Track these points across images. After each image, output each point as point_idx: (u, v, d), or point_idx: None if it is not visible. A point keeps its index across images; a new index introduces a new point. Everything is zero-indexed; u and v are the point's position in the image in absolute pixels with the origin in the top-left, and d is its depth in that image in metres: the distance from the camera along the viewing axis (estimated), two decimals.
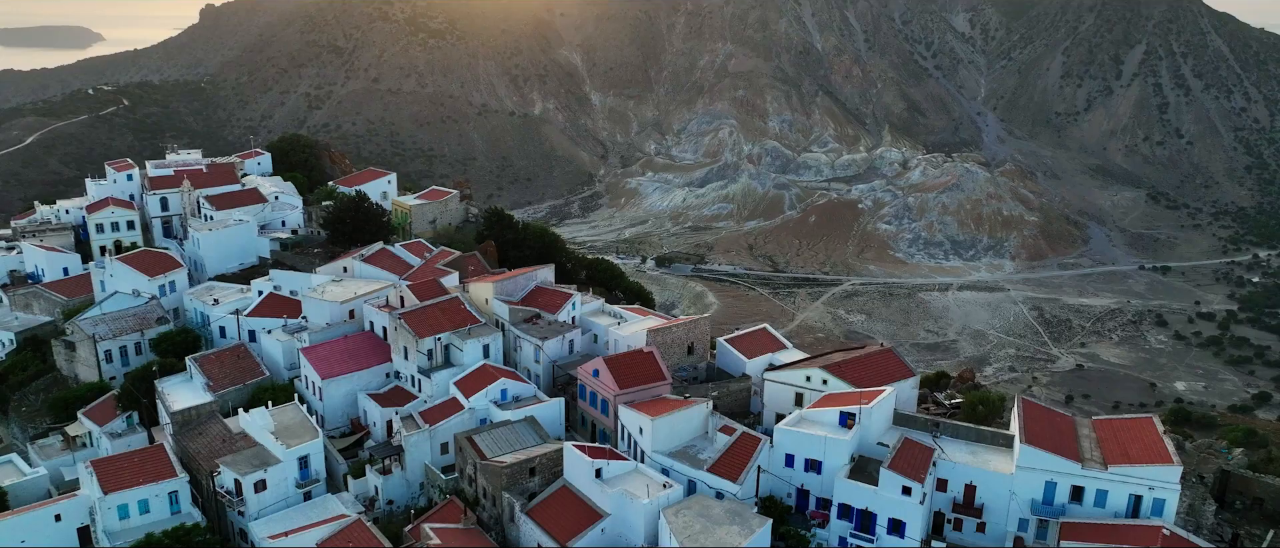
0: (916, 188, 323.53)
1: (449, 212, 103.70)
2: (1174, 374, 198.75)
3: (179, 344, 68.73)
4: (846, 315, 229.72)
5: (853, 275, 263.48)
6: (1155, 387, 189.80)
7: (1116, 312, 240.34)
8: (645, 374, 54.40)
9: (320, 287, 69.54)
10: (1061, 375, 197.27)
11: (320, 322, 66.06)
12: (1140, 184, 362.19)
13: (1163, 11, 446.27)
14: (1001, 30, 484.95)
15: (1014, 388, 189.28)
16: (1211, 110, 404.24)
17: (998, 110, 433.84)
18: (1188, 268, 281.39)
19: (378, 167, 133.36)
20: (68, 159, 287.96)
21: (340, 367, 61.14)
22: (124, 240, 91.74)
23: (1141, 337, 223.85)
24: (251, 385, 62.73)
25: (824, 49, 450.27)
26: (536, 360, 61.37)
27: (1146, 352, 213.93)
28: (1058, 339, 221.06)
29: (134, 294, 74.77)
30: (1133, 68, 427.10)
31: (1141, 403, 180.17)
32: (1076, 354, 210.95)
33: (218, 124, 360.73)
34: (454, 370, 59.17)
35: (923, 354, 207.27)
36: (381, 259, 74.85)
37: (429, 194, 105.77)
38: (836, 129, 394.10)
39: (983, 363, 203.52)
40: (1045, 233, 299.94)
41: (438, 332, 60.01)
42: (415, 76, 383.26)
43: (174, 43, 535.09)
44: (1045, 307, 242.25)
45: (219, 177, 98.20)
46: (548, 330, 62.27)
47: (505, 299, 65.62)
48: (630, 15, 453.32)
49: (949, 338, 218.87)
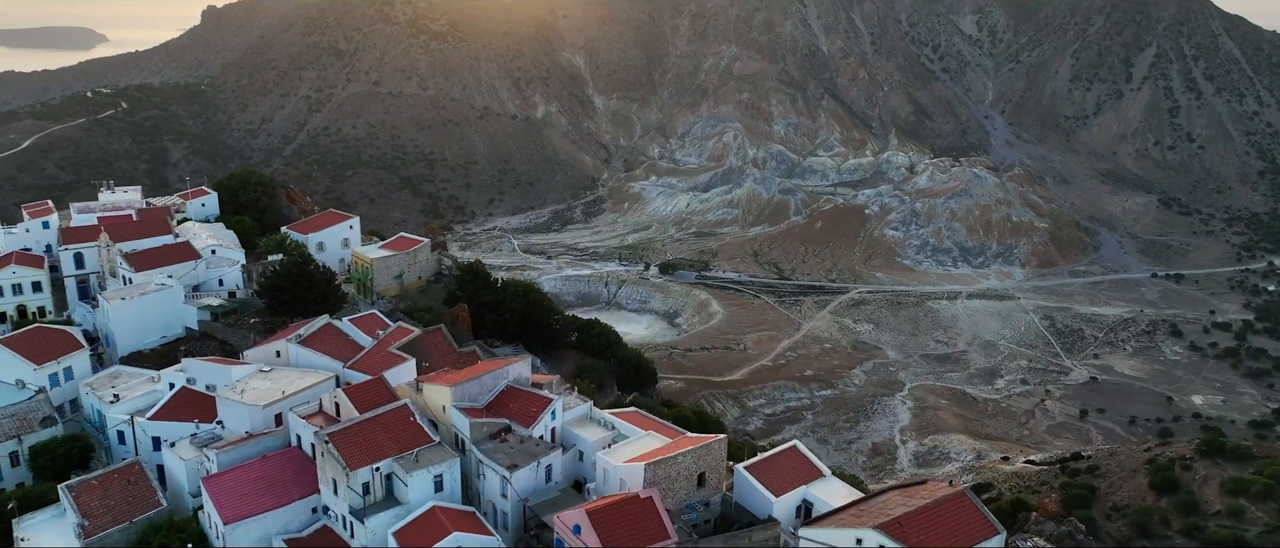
0: (924, 193, 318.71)
1: (418, 264, 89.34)
2: (1190, 387, 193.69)
3: (64, 457, 54.54)
4: (854, 325, 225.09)
5: (859, 283, 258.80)
6: (1172, 400, 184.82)
7: (1129, 321, 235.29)
8: (641, 529, 41.68)
9: (240, 383, 54.89)
10: (1075, 389, 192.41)
11: (238, 430, 52.17)
12: (1151, 189, 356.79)
13: (1173, 14, 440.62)
14: (1009, 33, 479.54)
15: (1027, 401, 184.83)
16: (1223, 114, 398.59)
17: (1006, 114, 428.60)
18: (1201, 276, 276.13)
19: (379, 167, 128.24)
20: (64, 163, 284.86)
21: (250, 504, 46.31)
22: (30, 306, 76.04)
23: (1156, 348, 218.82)
24: (141, 522, 47.05)
25: (829, 51, 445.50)
26: (503, 494, 48.69)
27: (1161, 363, 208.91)
28: (1070, 350, 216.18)
29: (18, 385, 60.06)
30: (1143, 71, 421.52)
31: (1159, 418, 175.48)
32: (1089, 366, 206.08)
33: (217, 127, 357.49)
34: (397, 512, 45.13)
35: (932, 366, 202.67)
36: (325, 340, 60.41)
37: (395, 243, 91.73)
38: (842, 133, 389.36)
39: (994, 375, 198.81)
40: (1055, 239, 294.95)
41: (377, 458, 45.90)
42: (416, 79, 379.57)
43: (175, 44, 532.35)
44: (1056, 316, 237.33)
45: (149, 225, 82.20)
46: (519, 452, 49.67)
47: (467, 406, 52.21)
48: (634, 17, 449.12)
49: (959, 349, 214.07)
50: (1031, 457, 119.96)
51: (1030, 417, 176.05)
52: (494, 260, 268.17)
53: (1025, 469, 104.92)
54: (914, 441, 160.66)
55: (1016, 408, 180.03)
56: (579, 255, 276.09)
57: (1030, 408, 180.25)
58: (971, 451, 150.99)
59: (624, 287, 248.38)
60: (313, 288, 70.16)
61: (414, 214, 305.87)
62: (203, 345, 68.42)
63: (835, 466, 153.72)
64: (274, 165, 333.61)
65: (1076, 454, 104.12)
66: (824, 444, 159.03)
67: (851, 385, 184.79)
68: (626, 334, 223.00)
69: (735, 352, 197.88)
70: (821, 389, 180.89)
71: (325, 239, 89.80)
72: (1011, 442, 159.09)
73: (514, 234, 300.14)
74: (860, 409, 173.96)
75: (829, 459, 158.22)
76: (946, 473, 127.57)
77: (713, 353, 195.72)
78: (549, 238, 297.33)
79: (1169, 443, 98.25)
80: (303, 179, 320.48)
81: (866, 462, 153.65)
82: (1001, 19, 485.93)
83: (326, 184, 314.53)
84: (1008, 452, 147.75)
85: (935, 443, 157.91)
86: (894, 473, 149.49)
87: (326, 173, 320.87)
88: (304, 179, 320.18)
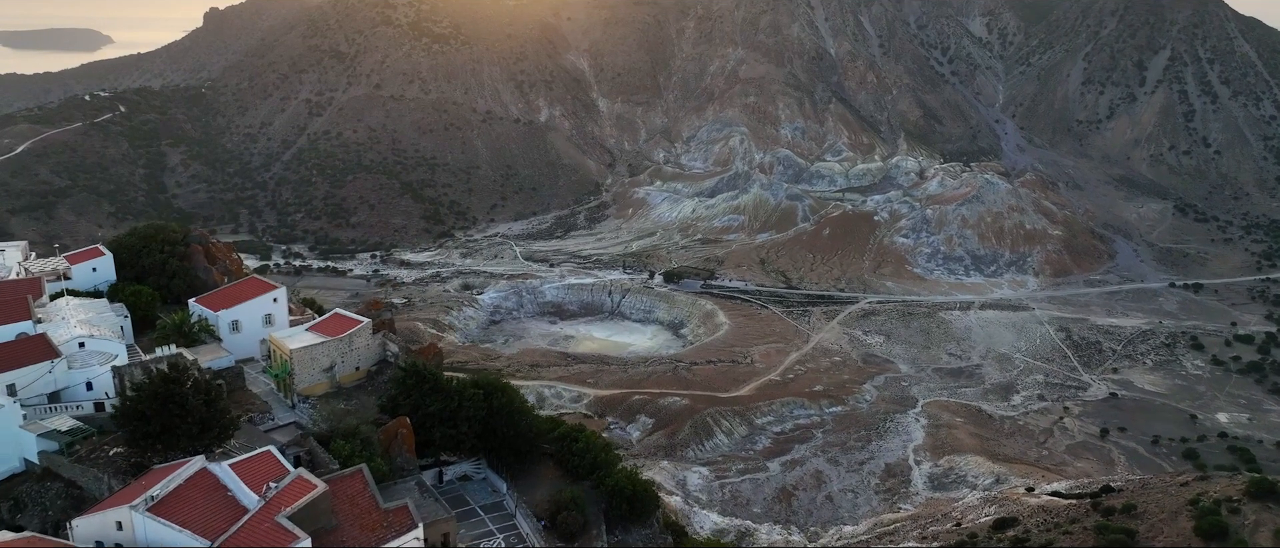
0: (934, 199, 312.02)
1: (356, 352, 66.38)
2: (1215, 404, 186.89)
3: None
4: (864, 337, 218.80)
5: (869, 292, 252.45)
6: (1196, 419, 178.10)
7: (1148, 333, 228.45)
8: None
9: None
10: (1094, 405, 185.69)
11: None
12: (1166, 195, 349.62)
13: (1187, 16, 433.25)
14: (1020, 35, 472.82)
15: (1045, 418, 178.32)
16: (1239, 118, 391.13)
17: (1017, 118, 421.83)
18: (1220, 285, 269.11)
19: (380, 172, 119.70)
20: (59, 169, 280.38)
21: None
22: None
23: (1176, 361, 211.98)
24: None
25: (837, 54, 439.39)
26: None
27: (1183, 378, 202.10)
28: (1088, 364, 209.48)
29: None
30: (1157, 74, 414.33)
31: (1183, 437, 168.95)
32: (1109, 381, 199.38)
33: (216, 131, 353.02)
34: None
35: (946, 380, 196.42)
36: (191, 500, 40.68)
37: (328, 323, 67.99)
38: (851, 137, 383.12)
39: (1010, 390, 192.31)
40: (1069, 247, 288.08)
41: None
42: (418, 82, 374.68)
43: (178, 47, 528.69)
44: (1072, 327, 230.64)
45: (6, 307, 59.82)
46: None
47: None
48: (639, 20, 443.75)
49: (973, 363, 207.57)
50: (1057, 487, 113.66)
51: (1048, 436, 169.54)
52: (496, 268, 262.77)
53: (1052, 503, 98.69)
54: (929, 461, 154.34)
55: (1034, 426, 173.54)
56: (582, 263, 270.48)
57: (1048, 426, 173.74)
58: (990, 474, 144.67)
59: (628, 296, 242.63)
60: (186, 416, 48.45)
61: (415, 220, 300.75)
62: (40, 489, 49.55)
63: (848, 488, 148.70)
64: (273, 170, 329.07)
65: (1106, 488, 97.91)
66: (835, 465, 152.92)
67: (863, 402, 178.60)
68: (631, 346, 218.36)
69: (742, 365, 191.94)
70: (832, 406, 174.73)
71: (241, 316, 69.21)
72: (1030, 463, 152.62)
73: (516, 241, 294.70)
74: (872, 427, 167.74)
75: (841, 482, 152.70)
76: (966, 503, 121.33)
77: (719, 367, 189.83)
78: (552, 245, 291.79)
79: (1208, 478, 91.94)
80: (302, 184, 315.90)
81: (879, 485, 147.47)
82: (1012, 21, 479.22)
83: (326, 190, 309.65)
84: (1028, 474, 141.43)
85: (951, 464, 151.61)
86: (908, 497, 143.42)
87: (326, 178, 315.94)
88: (303, 184, 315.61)
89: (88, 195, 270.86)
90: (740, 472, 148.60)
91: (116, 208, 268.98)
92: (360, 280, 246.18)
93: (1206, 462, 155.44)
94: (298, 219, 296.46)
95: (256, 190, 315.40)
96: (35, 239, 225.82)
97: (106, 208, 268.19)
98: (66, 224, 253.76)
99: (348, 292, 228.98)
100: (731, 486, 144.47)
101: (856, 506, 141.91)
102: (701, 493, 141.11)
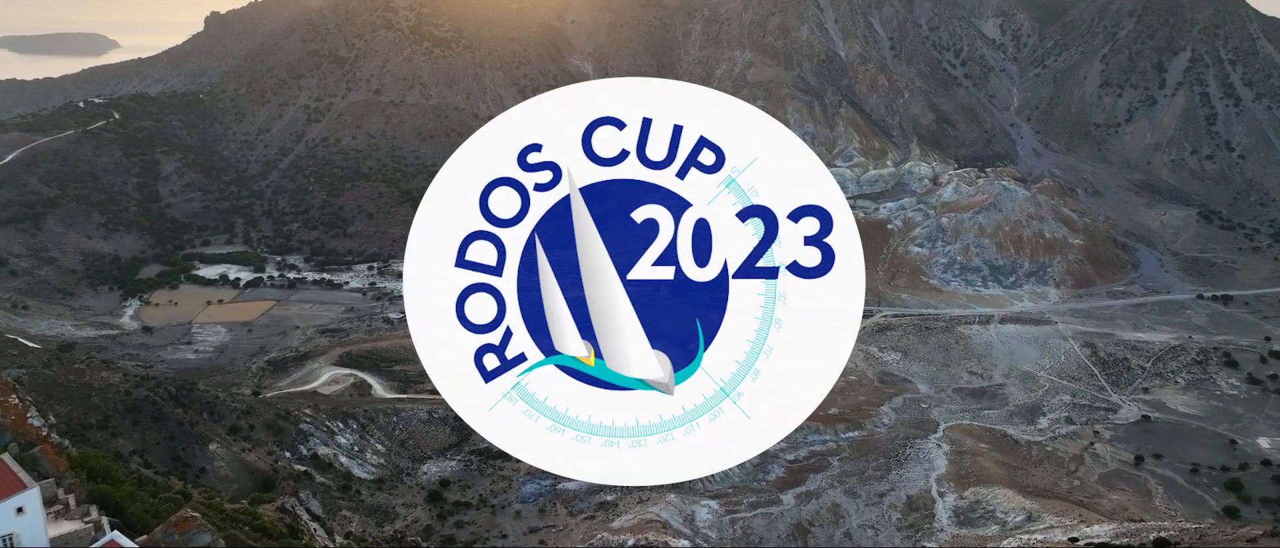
0: (949, 206, 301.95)
1: None
2: (1254, 428, 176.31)
3: None
4: (880, 353, 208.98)
5: (884, 305, 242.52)
6: (1235, 444, 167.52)
7: (1178, 349, 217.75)
8: None
9: None
10: (1125, 429, 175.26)
11: None
12: (1190, 201, 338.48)
13: (1208, 17, 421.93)
14: (1034, 37, 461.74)
15: (1075, 443, 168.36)
16: (1264, 121, 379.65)
17: (1032, 121, 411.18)
18: (1250, 297, 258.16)
19: (379, 179, 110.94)
20: (49, 178, 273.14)
21: None
22: None
23: (1210, 380, 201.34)
24: None
25: (847, 57, 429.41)
26: None
27: (1219, 399, 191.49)
28: (1116, 383, 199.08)
29: None
30: (1177, 76, 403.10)
31: (1224, 466, 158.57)
32: (1139, 402, 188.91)
33: (213, 138, 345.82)
34: None
35: (967, 401, 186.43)
36: None
37: None
38: (862, 142, 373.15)
39: (1035, 413, 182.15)
40: (1091, 257, 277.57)
41: None
42: (419, 87, 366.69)
43: (179, 51, 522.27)
44: (1098, 343, 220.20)
45: None
46: None
47: None
48: (644, 22, 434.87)
49: (996, 381, 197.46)
50: (1102, 533, 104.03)
51: (1080, 463, 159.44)
52: None
53: None
54: (953, 493, 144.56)
55: (1063, 452, 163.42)
56: None
57: (1078, 452, 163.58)
58: (1021, 509, 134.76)
59: None
60: None
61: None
62: None
63: (868, 523, 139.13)
64: (270, 178, 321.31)
65: (1161, 541, 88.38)
66: (854, 498, 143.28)
67: (881, 426, 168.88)
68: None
69: None
70: (848, 431, 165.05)
71: None
72: (1062, 496, 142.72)
73: None
74: (892, 454, 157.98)
75: (860, 516, 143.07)
76: None
77: None
78: None
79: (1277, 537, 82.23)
80: (299, 193, 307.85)
81: (901, 520, 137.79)
82: (1026, 22, 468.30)
83: (324, 198, 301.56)
84: (1062, 511, 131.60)
85: (978, 497, 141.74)
86: (933, 534, 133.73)
87: (324, 186, 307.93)
88: (301, 193, 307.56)
89: (78, 205, 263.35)
90: (752, 505, 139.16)
91: (107, 218, 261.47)
92: (356, 294, 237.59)
93: (1251, 493, 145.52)
94: (294, 229, 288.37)
95: (252, 199, 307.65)
96: (22, 252, 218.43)
97: (97, 218, 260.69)
98: (55, 236, 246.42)
99: (342, 306, 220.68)
100: (743, 521, 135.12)
101: (877, 543, 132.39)
102: (711, 530, 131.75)
